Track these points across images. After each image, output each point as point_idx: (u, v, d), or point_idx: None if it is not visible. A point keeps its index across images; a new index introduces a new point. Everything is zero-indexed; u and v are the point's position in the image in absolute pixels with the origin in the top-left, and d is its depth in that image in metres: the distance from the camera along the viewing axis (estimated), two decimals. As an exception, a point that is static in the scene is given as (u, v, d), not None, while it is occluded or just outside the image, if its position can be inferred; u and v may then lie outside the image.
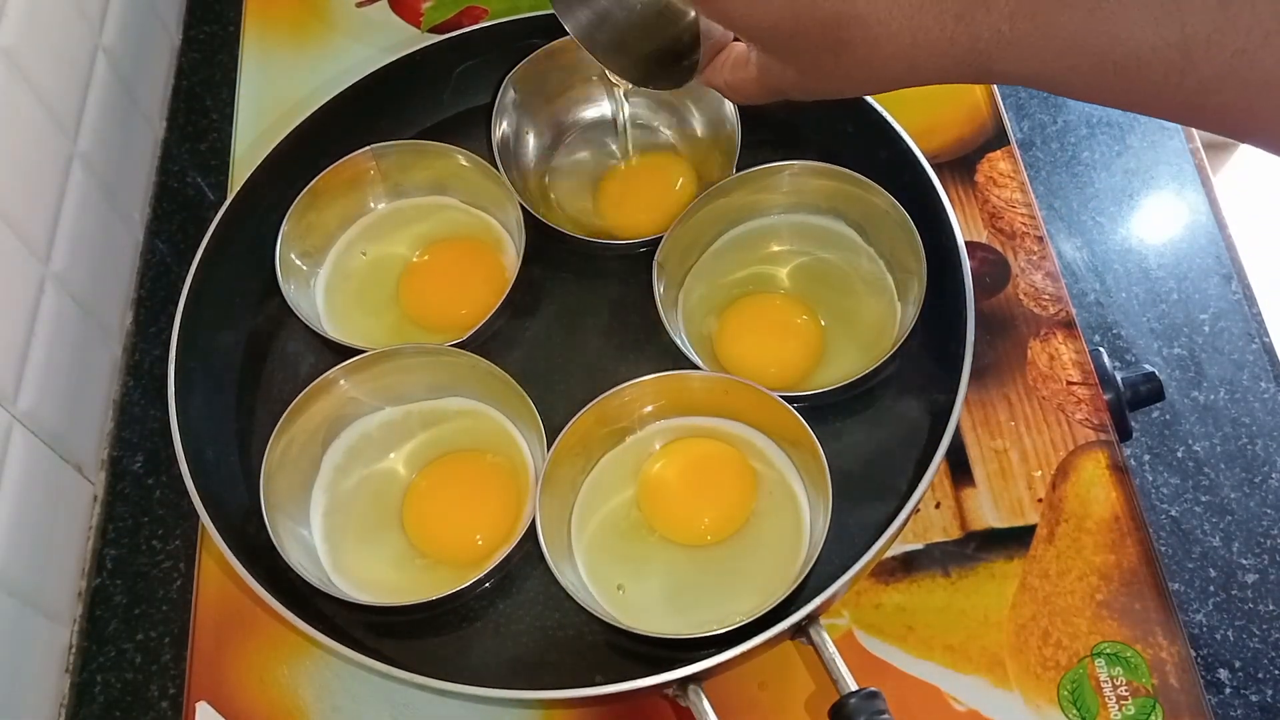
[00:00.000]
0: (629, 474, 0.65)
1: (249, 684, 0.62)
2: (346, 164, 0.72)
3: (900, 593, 0.62)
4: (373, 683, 0.61)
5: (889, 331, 0.67)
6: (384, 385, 0.67)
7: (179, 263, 0.76)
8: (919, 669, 0.60)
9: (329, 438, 0.66)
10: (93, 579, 0.67)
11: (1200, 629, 0.61)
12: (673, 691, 0.58)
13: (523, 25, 0.76)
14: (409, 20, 0.84)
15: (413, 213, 0.75)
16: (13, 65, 0.64)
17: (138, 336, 0.75)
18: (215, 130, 0.82)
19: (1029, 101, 0.78)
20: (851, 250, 0.71)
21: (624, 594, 0.62)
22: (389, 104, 0.76)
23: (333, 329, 0.70)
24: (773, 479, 0.64)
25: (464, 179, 0.73)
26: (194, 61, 0.86)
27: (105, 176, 0.74)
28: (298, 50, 0.83)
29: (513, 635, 0.62)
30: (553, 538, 0.61)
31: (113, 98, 0.76)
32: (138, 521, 0.68)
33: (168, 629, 0.65)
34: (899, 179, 0.68)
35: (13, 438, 0.61)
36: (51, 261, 0.67)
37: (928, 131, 0.73)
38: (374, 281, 0.72)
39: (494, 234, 0.73)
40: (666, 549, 0.63)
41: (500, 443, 0.66)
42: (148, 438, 0.71)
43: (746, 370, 0.66)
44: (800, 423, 0.62)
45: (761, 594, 0.59)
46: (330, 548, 0.64)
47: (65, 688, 0.64)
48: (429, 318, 0.71)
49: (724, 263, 0.71)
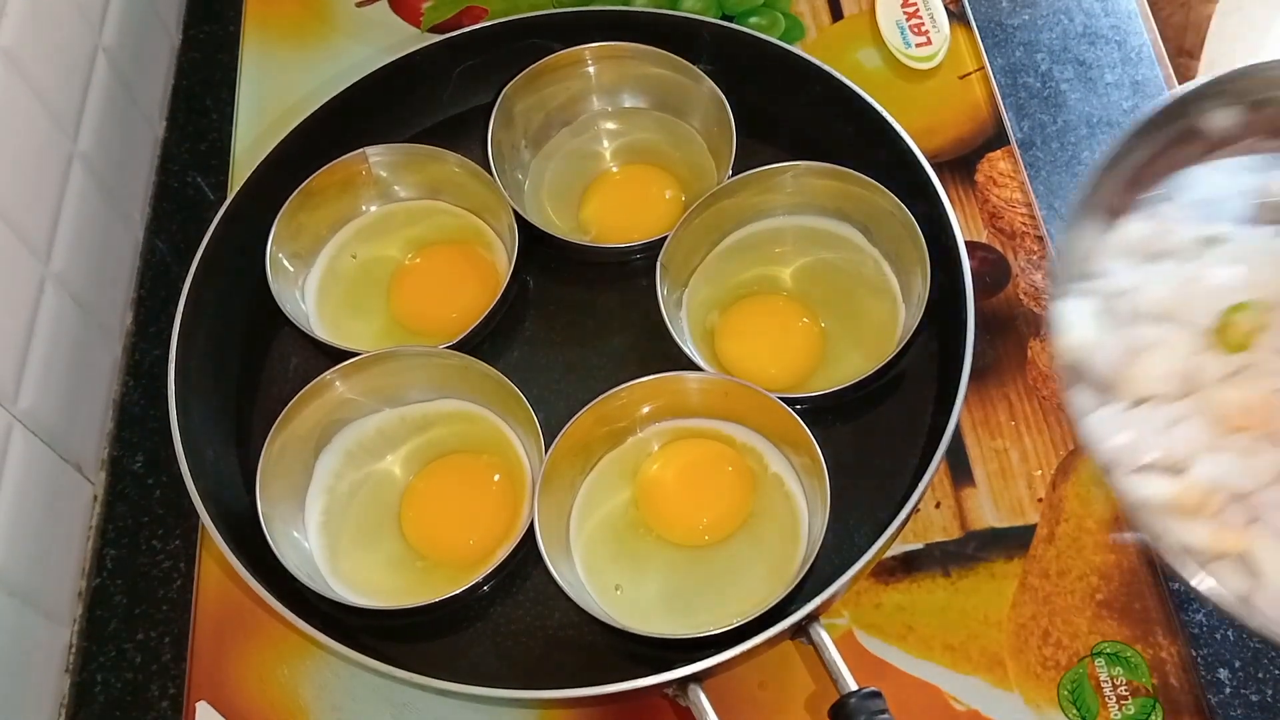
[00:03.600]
0: (627, 475, 0.65)
1: (249, 684, 0.62)
2: (338, 166, 0.72)
3: (900, 593, 0.62)
4: (373, 683, 0.61)
5: (891, 333, 0.67)
6: (380, 387, 0.66)
7: (179, 263, 0.76)
8: (919, 669, 0.60)
9: (324, 441, 0.66)
10: (93, 579, 0.67)
11: (1200, 629, 0.61)
12: (672, 691, 0.58)
13: (522, 25, 0.76)
14: (409, 20, 0.84)
15: (404, 216, 0.75)
16: (13, 65, 0.64)
17: (138, 336, 0.75)
18: (215, 130, 0.82)
19: (1029, 101, 0.78)
20: (856, 251, 0.71)
21: (622, 594, 0.62)
22: (389, 104, 0.76)
23: (322, 332, 0.70)
24: (771, 480, 0.64)
25: (457, 183, 0.73)
26: (194, 61, 0.86)
27: (105, 176, 0.74)
28: (298, 50, 0.83)
29: (512, 635, 0.62)
30: (551, 538, 0.61)
31: (113, 98, 0.76)
32: (138, 521, 0.68)
33: (168, 629, 0.65)
34: (899, 179, 0.68)
35: (13, 438, 0.61)
36: (51, 261, 0.67)
37: (928, 131, 0.73)
38: (364, 284, 0.72)
39: (486, 238, 0.73)
40: (665, 549, 0.63)
41: (496, 445, 0.66)
42: (148, 438, 0.71)
43: (747, 372, 0.66)
44: (799, 425, 0.62)
45: (759, 595, 0.59)
46: (327, 552, 0.64)
47: (65, 688, 0.64)
48: (419, 321, 0.71)
49: (729, 264, 0.71)
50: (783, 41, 0.75)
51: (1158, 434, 0.54)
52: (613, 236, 0.72)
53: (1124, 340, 0.57)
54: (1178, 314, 0.57)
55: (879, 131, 0.70)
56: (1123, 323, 0.58)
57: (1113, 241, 0.60)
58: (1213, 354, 0.55)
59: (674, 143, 0.76)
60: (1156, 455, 0.54)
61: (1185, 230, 0.60)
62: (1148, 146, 0.61)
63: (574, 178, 0.76)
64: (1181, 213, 0.61)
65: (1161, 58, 0.80)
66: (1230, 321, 0.56)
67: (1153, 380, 0.55)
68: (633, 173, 0.76)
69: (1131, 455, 0.54)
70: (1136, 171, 0.61)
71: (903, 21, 0.80)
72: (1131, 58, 0.79)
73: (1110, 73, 0.79)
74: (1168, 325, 0.57)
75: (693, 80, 0.73)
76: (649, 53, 0.74)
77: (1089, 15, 0.81)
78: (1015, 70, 0.80)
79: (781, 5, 0.82)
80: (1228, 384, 0.55)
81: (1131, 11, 0.81)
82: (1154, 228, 0.60)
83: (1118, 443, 0.54)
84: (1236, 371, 0.55)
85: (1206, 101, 0.61)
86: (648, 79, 0.75)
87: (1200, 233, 0.60)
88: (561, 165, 0.76)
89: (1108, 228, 0.61)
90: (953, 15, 0.80)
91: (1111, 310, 0.58)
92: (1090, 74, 0.79)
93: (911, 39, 0.79)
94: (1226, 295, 0.57)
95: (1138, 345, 0.57)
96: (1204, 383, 0.55)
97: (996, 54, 0.80)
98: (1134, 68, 0.79)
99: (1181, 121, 0.61)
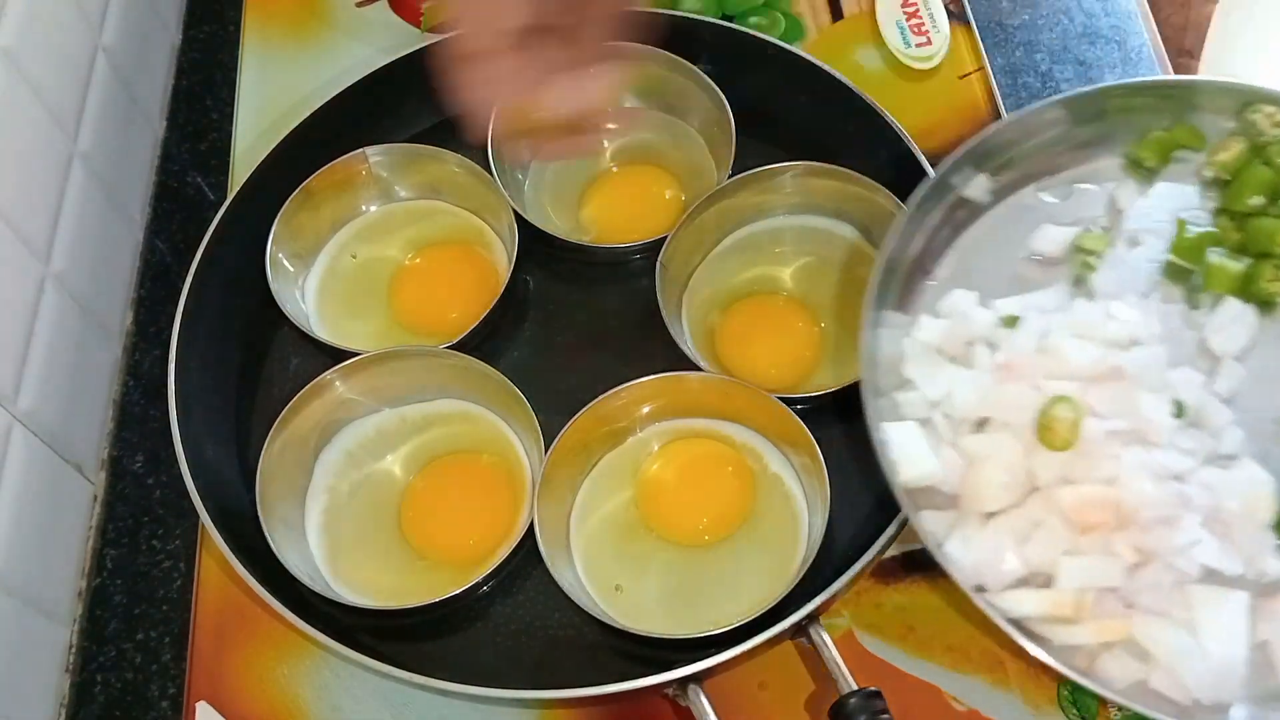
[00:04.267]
0: (627, 475, 0.65)
1: (249, 684, 0.62)
2: (338, 166, 0.72)
3: (900, 593, 0.62)
4: (373, 683, 0.61)
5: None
6: (380, 387, 0.67)
7: (179, 263, 0.76)
8: (919, 669, 0.60)
9: (324, 441, 0.66)
10: (93, 579, 0.67)
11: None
12: (673, 691, 0.58)
13: (522, 25, 0.76)
14: (409, 20, 0.84)
15: (404, 216, 0.75)
16: (13, 65, 0.64)
17: (138, 336, 0.75)
18: (215, 130, 0.82)
19: (1029, 101, 0.78)
20: (856, 251, 0.71)
21: (622, 594, 0.62)
22: (389, 104, 0.76)
23: (322, 332, 0.70)
24: (771, 480, 0.64)
25: (457, 182, 0.73)
26: (194, 61, 0.86)
27: (105, 176, 0.74)
28: (298, 50, 0.83)
29: (512, 635, 0.62)
30: (551, 538, 0.61)
31: (113, 98, 0.76)
32: (138, 521, 0.68)
33: (168, 629, 0.65)
34: (899, 179, 0.68)
35: (13, 438, 0.61)
36: (51, 261, 0.67)
37: (928, 131, 0.73)
38: (364, 284, 0.72)
39: (486, 238, 0.73)
40: (665, 549, 0.63)
41: (496, 444, 0.66)
42: (148, 438, 0.71)
43: (747, 371, 0.66)
44: (799, 425, 0.62)
45: (759, 595, 0.59)
46: (327, 552, 0.64)
47: (65, 688, 0.64)
48: (418, 322, 0.71)
49: (729, 264, 0.71)
50: (783, 41, 0.75)
51: (1017, 547, 0.54)
52: (613, 236, 0.72)
53: (955, 456, 0.56)
54: (997, 417, 0.57)
55: (879, 131, 0.70)
56: (947, 435, 0.57)
57: (913, 346, 0.60)
58: (1042, 454, 0.55)
59: (674, 143, 0.76)
60: (1021, 572, 0.54)
61: (979, 318, 0.60)
62: (924, 230, 0.62)
63: (574, 178, 0.76)
64: (969, 297, 0.61)
65: (1161, 58, 0.80)
66: (1052, 419, 0.55)
67: (995, 492, 0.55)
68: (633, 173, 0.76)
69: (995, 574, 0.54)
70: (920, 256, 0.62)
71: (903, 21, 0.80)
72: (1131, 58, 0.79)
73: (1110, 73, 0.79)
74: (993, 432, 0.57)
75: (693, 80, 0.73)
76: (649, 53, 0.74)
77: (1089, 15, 0.81)
78: (1015, 70, 0.80)
79: (781, 5, 0.82)
80: (1064, 484, 0.54)
81: (1131, 11, 0.81)
82: (947, 325, 0.60)
83: (979, 561, 0.54)
84: (1068, 466, 0.54)
85: (958, 176, 0.62)
86: (648, 79, 0.75)
87: (995, 315, 0.60)
88: (561, 165, 0.76)
89: (909, 324, 0.61)
90: (953, 15, 0.80)
91: (932, 424, 0.58)
92: (1090, 74, 0.79)
93: (911, 39, 0.79)
94: (1041, 388, 0.56)
95: (969, 458, 0.56)
96: (1043, 484, 0.55)
97: (996, 54, 0.80)
98: (1134, 68, 0.79)
99: (950, 196, 0.63)
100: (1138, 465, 0.54)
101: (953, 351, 0.60)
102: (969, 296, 0.61)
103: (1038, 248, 0.63)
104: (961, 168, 0.62)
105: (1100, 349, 0.57)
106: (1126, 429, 0.55)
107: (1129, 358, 0.57)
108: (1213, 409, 0.57)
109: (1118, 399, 0.55)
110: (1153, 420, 0.55)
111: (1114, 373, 0.56)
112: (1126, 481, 0.53)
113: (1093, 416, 0.55)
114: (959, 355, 0.60)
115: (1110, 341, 0.58)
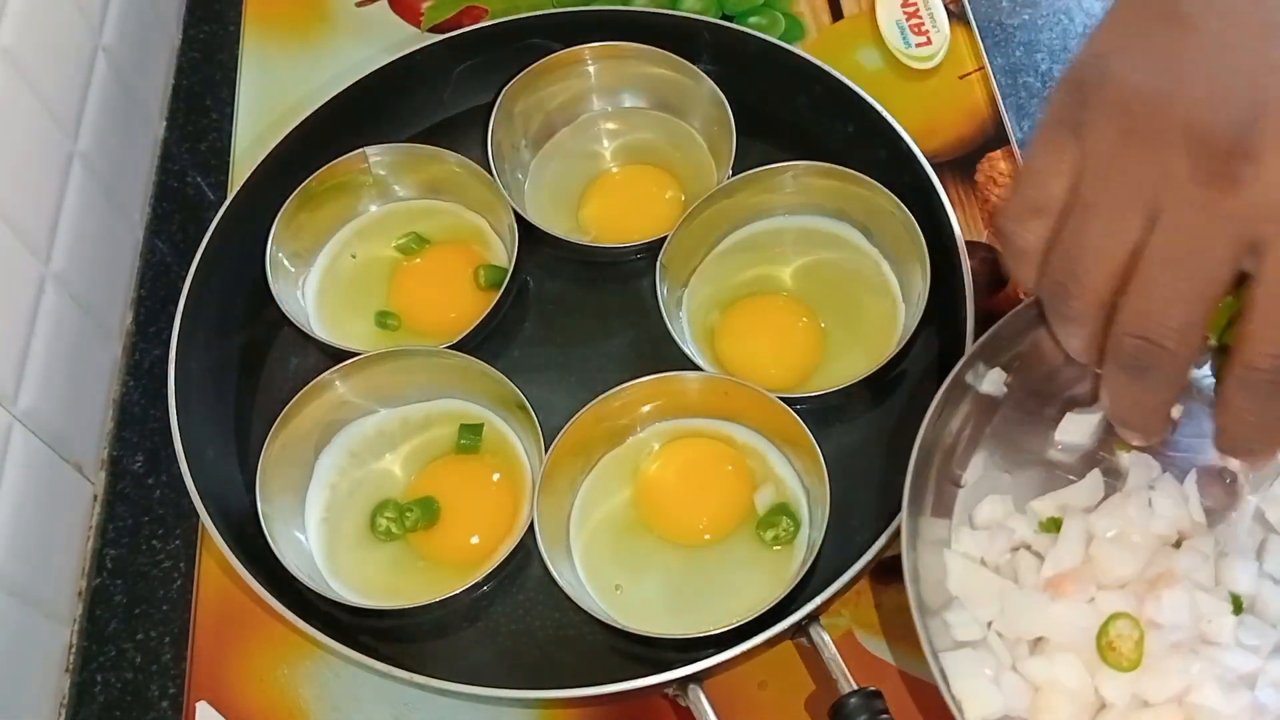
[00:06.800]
0: (627, 474, 0.65)
1: (249, 684, 0.62)
2: (338, 166, 0.72)
3: (900, 593, 0.62)
4: (373, 683, 0.61)
5: (891, 333, 0.67)
6: (380, 387, 0.66)
7: (179, 263, 0.76)
8: (919, 669, 0.60)
9: (324, 441, 0.66)
10: (93, 579, 0.67)
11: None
12: (673, 691, 0.58)
13: (522, 25, 0.76)
14: (409, 20, 0.84)
15: (405, 215, 0.75)
16: (13, 65, 0.64)
17: (138, 336, 0.75)
18: (215, 130, 0.82)
19: (1029, 101, 0.78)
20: (856, 251, 0.71)
21: (622, 594, 0.62)
22: (389, 104, 0.76)
23: (322, 332, 0.70)
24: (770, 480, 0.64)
25: (457, 182, 0.73)
26: (194, 61, 0.86)
27: (105, 176, 0.74)
28: (298, 50, 0.83)
29: (512, 635, 0.62)
30: (551, 538, 0.61)
31: (113, 98, 0.76)
32: (138, 521, 0.68)
33: (168, 629, 0.65)
34: (899, 179, 0.68)
35: (13, 438, 0.61)
36: (51, 261, 0.67)
37: (928, 131, 0.73)
38: (364, 284, 0.72)
39: (486, 238, 0.73)
40: (665, 549, 0.63)
41: (497, 445, 0.66)
42: (148, 438, 0.71)
43: (747, 371, 0.66)
44: (799, 425, 0.62)
45: (759, 594, 0.59)
46: (327, 551, 0.64)
47: (65, 688, 0.64)
48: (418, 321, 0.71)
49: (729, 264, 0.71)
50: (783, 41, 0.75)
51: None
52: (613, 236, 0.72)
53: (1018, 682, 0.54)
54: (1054, 639, 0.54)
55: (879, 131, 0.70)
56: (1006, 660, 0.54)
57: (955, 561, 0.57)
58: (1107, 672, 0.52)
59: (674, 143, 0.76)
60: None
61: (1018, 526, 0.58)
62: (949, 432, 0.60)
63: (574, 178, 0.76)
64: (1004, 504, 0.58)
65: (1161, 58, 0.79)
66: (1113, 639, 0.52)
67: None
68: (633, 173, 0.76)
69: None
70: (947, 457, 0.60)
71: (903, 21, 0.80)
72: (1131, 58, 0.79)
73: (1110, 73, 0.79)
74: (1053, 653, 0.54)
75: (693, 80, 0.73)
76: (649, 52, 0.74)
77: (1089, 15, 0.81)
78: (1015, 70, 0.80)
79: (781, 5, 0.82)
80: (1138, 707, 0.52)
81: (1131, 11, 0.81)
82: (986, 536, 0.58)
83: None
84: (1137, 684, 0.52)
85: (972, 373, 0.60)
86: (648, 79, 0.75)
87: (1033, 520, 0.58)
88: (561, 165, 0.76)
89: (946, 533, 0.58)
90: (953, 15, 0.80)
91: (989, 646, 0.55)
92: (1090, 74, 0.79)
93: (911, 39, 0.79)
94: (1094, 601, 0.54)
95: (1034, 683, 0.54)
96: (1113, 705, 0.52)
97: (996, 54, 0.80)
98: (1134, 68, 0.79)
99: (968, 394, 0.60)
100: (1205, 676, 0.51)
101: (996, 562, 0.57)
102: (1003, 503, 0.58)
103: (1064, 439, 0.60)
104: (974, 364, 0.60)
105: (1147, 552, 0.55)
106: (1188, 637, 0.53)
107: (1180, 559, 0.55)
108: (1269, 594, 0.54)
109: (1175, 606, 0.53)
110: (1213, 622, 0.53)
111: (1166, 578, 0.54)
112: (1197, 698, 0.51)
113: (1153, 626, 0.53)
114: (1003, 566, 0.57)
115: (1158, 538, 0.56)
